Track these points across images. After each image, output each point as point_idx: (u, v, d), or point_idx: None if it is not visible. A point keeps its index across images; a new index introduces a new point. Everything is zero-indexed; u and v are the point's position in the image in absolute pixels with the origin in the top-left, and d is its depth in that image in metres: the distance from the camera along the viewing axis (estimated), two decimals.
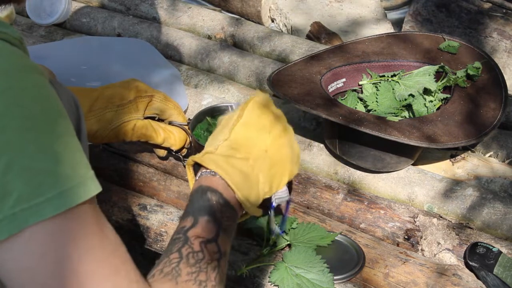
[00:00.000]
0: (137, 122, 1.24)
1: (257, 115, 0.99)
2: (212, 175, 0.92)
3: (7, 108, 0.63)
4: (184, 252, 0.81)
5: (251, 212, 0.95)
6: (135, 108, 1.24)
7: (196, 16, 1.89)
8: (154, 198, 1.36)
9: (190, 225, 0.85)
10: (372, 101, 1.43)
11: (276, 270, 1.14)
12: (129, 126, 1.23)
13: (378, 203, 1.31)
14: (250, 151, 0.95)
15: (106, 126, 1.21)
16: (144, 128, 1.25)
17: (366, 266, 1.19)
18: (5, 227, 0.62)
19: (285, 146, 0.99)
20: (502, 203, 1.28)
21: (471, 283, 1.15)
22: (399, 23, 2.14)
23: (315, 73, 1.43)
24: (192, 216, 0.87)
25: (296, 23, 2.03)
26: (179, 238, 0.83)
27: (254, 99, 1.00)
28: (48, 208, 0.63)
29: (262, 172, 0.96)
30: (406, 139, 1.26)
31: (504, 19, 1.98)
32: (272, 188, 0.98)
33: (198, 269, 0.79)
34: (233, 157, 0.94)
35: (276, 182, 0.98)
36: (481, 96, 1.39)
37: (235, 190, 0.91)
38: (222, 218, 0.88)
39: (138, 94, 1.24)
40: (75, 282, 0.65)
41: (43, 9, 1.90)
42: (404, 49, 1.51)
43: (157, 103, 1.26)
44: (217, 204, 0.89)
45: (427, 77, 1.43)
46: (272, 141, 0.98)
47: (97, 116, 1.21)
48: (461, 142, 1.28)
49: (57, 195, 0.63)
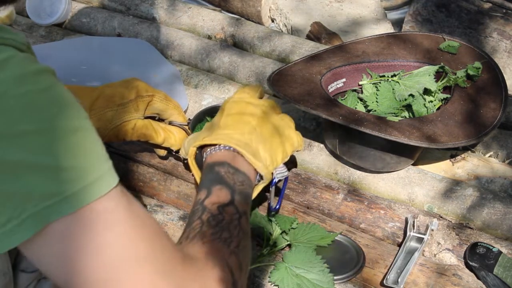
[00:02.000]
0: (138, 122, 1.24)
1: (236, 106, 1.11)
2: (216, 152, 1.01)
3: (25, 113, 0.65)
4: (205, 218, 0.87)
5: (263, 171, 1.04)
6: (135, 108, 1.24)
7: (196, 16, 1.89)
8: (154, 198, 1.36)
9: (205, 196, 0.92)
10: (372, 101, 1.43)
11: (276, 270, 1.14)
12: (129, 126, 1.23)
13: (378, 203, 1.31)
14: (242, 127, 1.06)
15: (106, 125, 1.22)
16: (144, 128, 1.25)
17: (366, 266, 1.19)
18: (30, 225, 0.65)
19: (269, 127, 1.10)
20: (502, 203, 1.28)
21: (471, 283, 1.15)
22: (399, 23, 2.14)
23: (315, 73, 1.43)
24: (205, 188, 0.94)
25: (296, 23, 2.03)
26: (197, 209, 0.90)
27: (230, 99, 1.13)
28: (69, 204, 0.65)
29: (259, 144, 1.06)
30: (406, 139, 1.26)
31: (504, 19, 1.98)
32: (272, 160, 1.07)
33: (221, 228, 0.86)
34: (231, 133, 1.04)
35: (274, 156, 1.08)
36: (481, 96, 1.39)
37: (243, 153, 1.01)
38: (234, 184, 0.96)
39: (139, 93, 1.25)
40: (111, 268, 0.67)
41: (43, 9, 1.90)
42: (404, 49, 1.51)
43: (158, 103, 1.27)
44: (226, 173, 0.97)
45: (427, 77, 1.43)
46: (257, 122, 1.08)
47: (97, 115, 1.21)
48: (461, 142, 1.28)
49: (78, 191, 0.66)
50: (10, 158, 0.64)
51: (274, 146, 1.09)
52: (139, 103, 1.25)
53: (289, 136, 1.14)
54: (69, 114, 0.68)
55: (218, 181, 0.96)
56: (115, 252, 0.67)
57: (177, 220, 1.27)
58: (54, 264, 0.67)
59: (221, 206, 0.90)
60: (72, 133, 0.67)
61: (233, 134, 1.05)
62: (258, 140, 1.06)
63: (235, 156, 1.02)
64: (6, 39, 0.69)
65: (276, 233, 1.21)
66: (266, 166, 1.06)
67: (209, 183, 0.96)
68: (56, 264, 0.67)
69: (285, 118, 1.16)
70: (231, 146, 1.02)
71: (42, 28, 1.89)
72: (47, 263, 0.68)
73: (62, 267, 0.67)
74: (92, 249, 0.66)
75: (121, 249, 0.68)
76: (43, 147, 0.65)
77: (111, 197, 0.68)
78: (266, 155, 1.06)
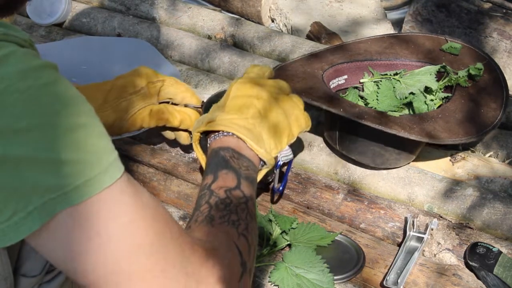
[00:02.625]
0: (153, 107, 1.25)
1: (243, 88, 1.10)
2: (220, 137, 1.03)
3: (28, 108, 0.65)
4: (212, 202, 0.89)
5: (266, 158, 1.05)
6: (148, 94, 1.25)
7: (196, 16, 1.89)
8: None
9: (211, 181, 0.94)
10: (373, 99, 1.44)
11: (276, 270, 1.14)
12: (145, 112, 1.24)
13: (378, 203, 1.31)
14: (246, 112, 1.07)
15: (123, 116, 1.23)
16: (160, 112, 1.25)
17: (366, 266, 1.19)
18: (36, 217, 0.65)
19: (274, 109, 1.10)
20: (502, 203, 1.28)
21: (471, 283, 1.15)
22: (399, 23, 2.14)
23: (317, 69, 1.43)
24: (211, 173, 0.96)
25: (296, 23, 2.03)
26: (204, 193, 0.91)
27: (238, 80, 1.13)
28: (74, 196, 0.65)
29: (263, 129, 1.06)
30: (407, 133, 1.26)
31: (504, 19, 1.98)
32: (276, 144, 1.08)
33: (229, 211, 0.87)
34: (234, 118, 1.05)
35: (278, 140, 1.09)
36: (482, 96, 1.39)
37: (245, 139, 1.02)
38: (240, 168, 0.98)
39: (149, 80, 1.26)
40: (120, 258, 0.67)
41: (43, 9, 1.90)
42: (406, 49, 1.51)
43: (169, 87, 1.28)
44: (231, 157, 0.99)
45: (429, 76, 1.44)
46: (262, 104, 1.08)
47: (112, 106, 1.22)
48: (461, 139, 1.28)
49: (82, 184, 0.66)
50: (13, 153, 0.64)
51: (279, 130, 1.09)
52: (151, 89, 1.26)
53: (296, 118, 1.14)
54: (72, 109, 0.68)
55: (224, 165, 0.97)
56: (122, 242, 0.67)
57: (177, 220, 1.27)
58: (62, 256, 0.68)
59: (228, 190, 0.92)
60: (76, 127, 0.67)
61: (237, 119, 1.05)
62: (262, 124, 1.07)
63: (239, 141, 1.03)
64: (8, 36, 0.69)
65: (276, 233, 1.21)
66: (269, 151, 1.07)
67: (215, 168, 0.97)
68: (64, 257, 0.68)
69: (294, 98, 1.15)
70: (235, 134, 1.03)
71: (42, 28, 1.89)
72: (56, 256, 0.68)
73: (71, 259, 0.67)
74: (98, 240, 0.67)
75: (128, 239, 0.68)
76: (46, 142, 0.65)
77: (116, 187, 0.68)
78: (270, 140, 1.07)
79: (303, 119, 1.15)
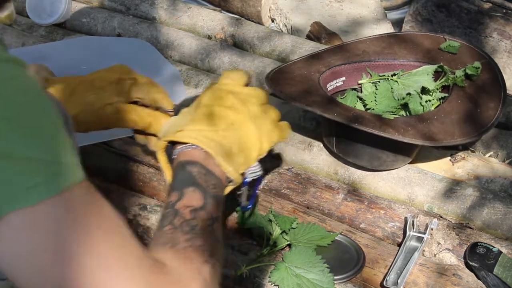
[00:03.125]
0: (120, 106, 1.18)
1: (216, 96, 1.04)
2: (187, 149, 0.95)
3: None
4: (177, 223, 0.83)
5: (233, 176, 0.98)
6: (117, 91, 1.18)
7: (196, 16, 1.89)
8: (154, 198, 1.36)
9: (177, 199, 0.87)
10: (371, 100, 1.44)
11: (276, 270, 1.14)
12: (111, 110, 1.17)
13: (378, 203, 1.31)
14: (217, 123, 1.00)
15: (88, 109, 1.16)
16: (127, 112, 1.18)
17: (366, 266, 1.19)
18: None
19: (247, 122, 1.03)
20: (502, 203, 1.28)
21: (471, 283, 1.15)
22: (399, 23, 2.14)
23: (314, 72, 1.43)
24: (176, 190, 0.89)
25: (296, 23, 2.03)
26: (168, 212, 0.85)
27: (212, 86, 1.07)
28: (29, 197, 0.62)
29: (233, 143, 1.00)
30: (401, 137, 1.26)
31: (504, 19, 1.98)
32: (246, 160, 1.01)
33: (194, 235, 0.81)
34: (204, 130, 0.98)
35: (247, 155, 1.02)
36: (480, 96, 1.39)
37: (214, 155, 0.95)
38: (207, 186, 0.91)
39: (121, 76, 1.19)
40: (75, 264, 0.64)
41: (43, 9, 1.90)
42: (405, 48, 1.51)
43: (140, 86, 1.20)
44: (199, 174, 0.92)
45: (426, 76, 1.44)
46: (234, 116, 1.02)
47: (78, 99, 1.15)
48: (456, 140, 1.28)
49: (42, 182, 0.63)
50: None
51: (250, 143, 1.03)
52: (122, 86, 1.18)
53: (269, 131, 1.06)
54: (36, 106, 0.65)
55: (190, 182, 0.91)
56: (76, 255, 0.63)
57: None
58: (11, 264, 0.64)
59: (194, 210, 0.86)
60: (40, 126, 0.65)
61: (207, 131, 0.99)
62: (233, 137, 1.00)
63: (207, 156, 0.96)
64: None
65: (276, 233, 1.21)
66: (237, 168, 1.00)
67: (181, 185, 0.91)
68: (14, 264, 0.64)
69: (269, 110, 1.08)
70: (204, 148, 0.97)
71: (42, 28, 1.89)
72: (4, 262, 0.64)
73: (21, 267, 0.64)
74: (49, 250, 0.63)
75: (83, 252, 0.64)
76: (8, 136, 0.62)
77: (73, 194, 0.64)
78: (239, 155, 1.01)
79: (276, 133, 1.08)
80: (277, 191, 1.35)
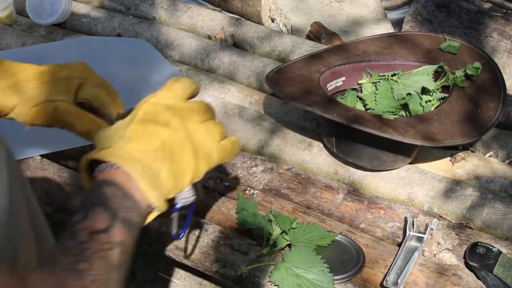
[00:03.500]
0: (60, 105, 1.07)
1: (152, 110, 0.94)
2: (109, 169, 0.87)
3: None
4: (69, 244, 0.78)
5: (156, 203, 0.89)
6: (62, 89, 1.08)
7: (196, 16, 1.89)
8: None
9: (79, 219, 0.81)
10: (371, 100, 1.44)
11: (276, 270, 1.14)
12: (50, 108, 1.07)
13: (378, 203, 1.31)
14: (148, 143, 0.91)
15: (26, 102, 1.06)
16: (66, 113, 1.07)
17: (366, 266, 1.19)
18: None
19: (182, 141, 0.93)
20: (502, 203, 1.28)
21: (471, 283, 1.15)
22: (399, 23, 2.14)
23: (314, 72, 1.43)
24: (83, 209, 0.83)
25: (296, 23, 2.03)
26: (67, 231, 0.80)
27: (150, 98, 0.96)
28: None
29: (164, 165, 0.90)
30: (401, 137, 1.26)
31: (504, 19, 1.98)
32: (176, 184, 0.92)
33: (80, 258, 0.76)
34: (131, 149, 0.90)
35: (179, 179, 0.92)
36: (480, 96, 1.39)
37: (136, 178, 0.87)
38: (118, 209, 0.84)
39: (70, 73, 1.09)
40: None
41: (43, 9, 1.90)
42: (405, 48, 1.51)
43: (88, 87, 1.10)
44: (112, 196, 0.85)
45: (426, 76, 1.44)
46: (169, 135, 0.92)
47: (18, 90, 1.06)
48: (456, 141, 1.28)
49: None
50: None
51: (183, 166, 0.92)
52: (68, 84, 1.08)
53: (207, 152, 0.95)
54: None
55: (100, 202, 0.83)
56: None
57: None
58: None
59: (93, 232, 0.79)
60: None
61: (135, 151, 0.89)
62: (164, 158, 0.90)
63: (129, 178, 0.87)
64: None
65: (276, 233, 1.21)
66: (165, 193, 0.90)
67: (89, 204, 0.84)
68: None
69: (211, 127, 0.96)
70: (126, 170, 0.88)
71: (42, 28, 1.89)
72: None
73: None
74: None
75: None
76: None
77: None
78: (169, 179, 0.91)
79: (217, 153, 0.96)
80: (277, 191, 1.35)
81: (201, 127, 0.95)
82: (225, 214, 1.29)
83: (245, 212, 1.25)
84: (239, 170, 1.40)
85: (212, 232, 1.24)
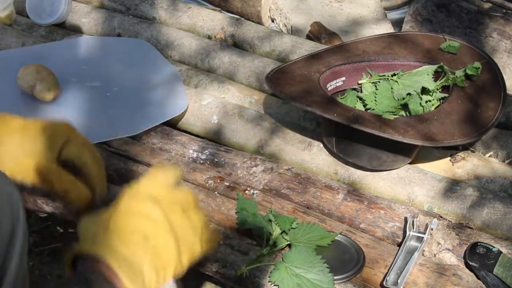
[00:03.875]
0: (41, 163, 1.06)
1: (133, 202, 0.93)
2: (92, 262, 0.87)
3: None
4: None
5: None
6: (46, 146, 1.07)
7: (196, 16, 1.89)
8: None
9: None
10: (371, 100, 1.44)
11: (276, 270, 1.14)
12: (30, 165, 1.05)
13: (378, 203, 1.31)
14: (130, 236, 0.90)
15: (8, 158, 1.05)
16: (47, 171, 1.06)
17: (366, 266, 1.19)
18: None
19: (165, 234, 0.92)
20: (502, 203, 1.28)
21: (471, 283, 1.15)
22: (399, 23, 2.14)
23: (314, 72, 1.43)
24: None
25: (296, 23, 2.03)
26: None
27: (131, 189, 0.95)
28: None
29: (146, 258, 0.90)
30: (401, 137, 1.26)
31: (504, 19, 1.98)
32: (158, 278, 0.91)
33: None
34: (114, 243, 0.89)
35: (161, 272, 0.91)
36: (480, 96, 1.39)
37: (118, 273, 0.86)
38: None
39: (54, 132, 1.08)
40: None
41: (43, 9, 1.90)
42: (405, 48, 1.51)
43: (72, 147, 1.09)
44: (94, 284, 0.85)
45: (426, 76, 1.44)
46: (152, 228, 0.92)
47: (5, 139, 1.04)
48: (456, 141, 1.28)
49: None
50: None
51: (165, 260, 0.92)
52: (52, 142, 1.07)
53: (189, 244, 0.95)
54: None
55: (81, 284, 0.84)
56: None
57: None
58: None
59: None
60: None
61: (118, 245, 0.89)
62: (146, 251, 0.90)
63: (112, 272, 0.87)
64: None
65: (276, 233, 1.21)
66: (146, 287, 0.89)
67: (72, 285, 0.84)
68: None
69: (193, 218, 0.96)
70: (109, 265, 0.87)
71: (42, 28, 1.89)
72: None
73: None
74: None
75: None
76: None
77: None
78: (151, 273, 0.90)
79: (198, 246, 0.95)
80: (277, 191, 1.35)
81: (184, 219, 0.95)
82: (225, 214, 1.29)
83: (245, 212, 1.25)
84: (239, 170, 1.40)
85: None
